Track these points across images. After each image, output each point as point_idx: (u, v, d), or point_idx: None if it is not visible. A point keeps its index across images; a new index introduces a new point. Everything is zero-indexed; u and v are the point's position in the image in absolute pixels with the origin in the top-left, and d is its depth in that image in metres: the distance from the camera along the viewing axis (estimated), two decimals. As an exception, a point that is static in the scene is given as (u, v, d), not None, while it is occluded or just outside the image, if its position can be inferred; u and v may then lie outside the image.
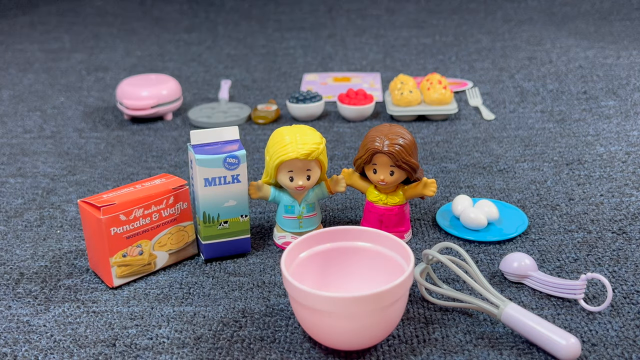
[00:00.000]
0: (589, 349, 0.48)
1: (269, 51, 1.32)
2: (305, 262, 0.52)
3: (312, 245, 0.53)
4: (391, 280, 0.46)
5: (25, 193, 0.76)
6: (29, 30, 1.51)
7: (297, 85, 1.11)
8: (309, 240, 0.53)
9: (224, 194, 0.60)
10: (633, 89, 1.03)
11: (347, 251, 0.54)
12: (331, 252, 0.54)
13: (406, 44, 1.34)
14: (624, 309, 0.53)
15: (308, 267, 0.52)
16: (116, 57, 1.30)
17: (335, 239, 0.54)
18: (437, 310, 0.54)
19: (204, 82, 1.14)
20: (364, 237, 0.54)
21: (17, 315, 0.54)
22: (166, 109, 0.95)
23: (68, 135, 0.92)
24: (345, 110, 0.94)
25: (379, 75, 1.14)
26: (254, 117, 0.95)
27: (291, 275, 0.48)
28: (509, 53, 1.24)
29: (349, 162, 0.82)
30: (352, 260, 0.54)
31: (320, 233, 0.53)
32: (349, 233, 0.54)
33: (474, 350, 0.49)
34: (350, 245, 0.54)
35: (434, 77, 0.95)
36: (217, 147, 0.60)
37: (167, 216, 0.59)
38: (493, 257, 0.60)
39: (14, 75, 1.20)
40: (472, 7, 1.61)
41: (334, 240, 0.54)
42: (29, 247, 0.64)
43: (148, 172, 0.80)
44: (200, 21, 1.56)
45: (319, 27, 1.49)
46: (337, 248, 0.54)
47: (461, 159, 0.81)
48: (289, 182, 0.60)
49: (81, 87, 1.12)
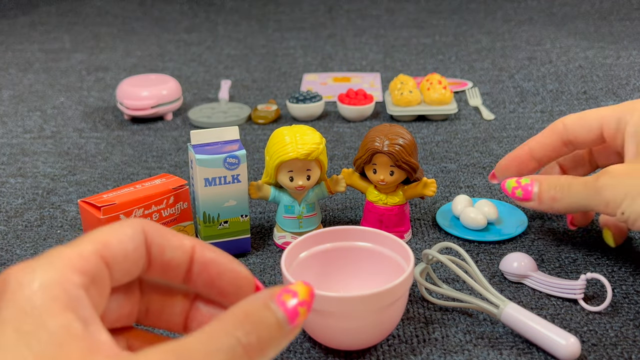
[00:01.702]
0: (589, 348, 0.49)
1: (269, 51, 1.32)
2: (305, 262, 0.52)
3: (312, 246, 0.53)
4: (391, 280, 0.46)
5: (25, 193, 0.76)
6: (29, 30, 1.52)
7: (297, 85, 1.11)
8: (309, 240, 0.53)
9: (224, 194, 0.60)
10: (633, 89, 1.03)
11: (347, 251, 0.54)
12: (331, 252, 0.54)
13: (406, 44, 1.34)
14: (623, 309, 0.53)
15: (308, 267, 0.52)
16: (116, 57, 1.30)
17: (336, 239, 0.54)
18: (437, 310, 0.54)
19: (204, 82, 1.14)
20: (364, 237, 0.54)
21: (18, 315, 0.54)
22: (166, 109, 0.95)
23: (68, 135, 0.92)
24: (345, 110, 0.94)
25: (379, 75, 1.14)
26: (254, 117, 0.95)
27: (291, 276, 0.48)
28: (509, 53, 1.24)
29: (349, 162, 0.82)
30: (352, 260, 0.54)
31: (320, 233, 0.53)
32: (349, 233, 0.54)
33: (473, 350, 0.49)
34: (351, 245, 0.54)
35: (433, 77, 0.95)
36: (217, 147, 0.60)
37: (167, 216, 0.59)
38: (493, 257, 0.60)
39: (14, 75, 1.20)
40: (472, 7, 1.61)
41: (334, 240, 0.54)
42: (29, 247, 0.64)
43: (148, 172, 0.80)
44: (200, 21, 1.56)
45: (319, 27, 1.49)
46: (337, 248, 0.54)
47: (461, 159, 0.81)
48: (288, 182, 0.60)
49: (81, 87, 1.13)
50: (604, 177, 0.49)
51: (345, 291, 0.53)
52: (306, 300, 0.33)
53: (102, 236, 0.31)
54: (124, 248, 0.32)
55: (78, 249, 0.30)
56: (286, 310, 0.32)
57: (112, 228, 0.32)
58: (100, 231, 0.32)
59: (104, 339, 0.28)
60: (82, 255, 0.30)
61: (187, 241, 0.34)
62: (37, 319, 0.28)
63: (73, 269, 0.30)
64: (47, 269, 0.29)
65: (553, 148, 0.57)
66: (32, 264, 0.29)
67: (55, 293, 0.28)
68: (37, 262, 0.30)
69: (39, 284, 0.28)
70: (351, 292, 0.51)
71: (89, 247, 0.31)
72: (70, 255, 0.30)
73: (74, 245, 0.31)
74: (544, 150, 0.57)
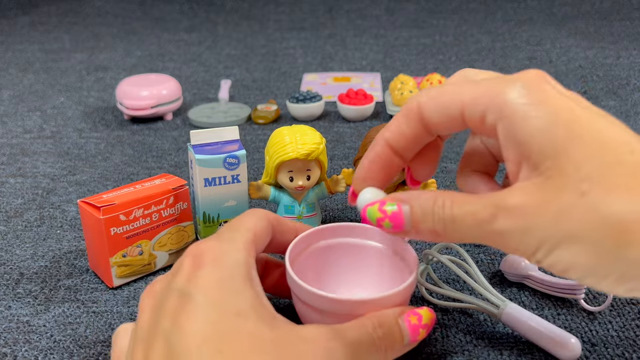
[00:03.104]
0: (589, 349, 0.48)
1: (269, 51, 1.32)
2: (308, 258, 0.51)
3: (316, 241, 0.51)
4: (396, 278, 0.45)
5: (25, 193, 0.76)
6: (29, 30, 1.51)
7: (297, 85, 1.11)
8: (312, 236, 0.51)
9: (224, 194, 0.60)
10: (633, 89, 1.03)
11: (351, 248, 0.52)
12: (334, 248, 0.52)
13: (406, 44, 1.33)
14: (624, 309, 0.53)
15: (310, 262, 0.51)
16: (116, 57, 1.30)
17: (340, 234, 0.52)
18: (437, 310, 0.54)
19: (204, 82, 1.14)
20: (368, 234, 0.52)
21: (17, 316, 0.54)
22: (166, 109, 0.95)
23: (68, 135, 0.92)
24: (345, 110, 0.94)
25: (379, 75, 1.14)
26: (254, 117, 0.95)
27: (294, 271, 0.47)
28: (509, 53, 1.24)
29: (349, 162, 0.82)
30: (357, 258, 0.52)
31: (324, 229, 0.51)
32: (355, 230, 0.52)
33: (474, 350, 0.49)
34: (358, 243, 0.52)
35: (434, 77, 0.95)
36: (217, 147, 0.60)
37: (167, 216, 0.59)
38: (493, 257, 0.60)
39: (14, 75, 1.20)
40: (472, 7, 1.61)
41: (338, 236, 0.52)
42: (29, 247, 0.64)
43: (148, 172, 0.80)
44: (200, 21, 1.56)
45: (319, 27, 1.49)
46: (341, 244, 0.52)
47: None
48: (288, 182, 0.60)
49: (81, 87, 1.12)
50: (502, 219, 0.34)
51: (346, 289, 0.53)
52: (427, 324, 0.41)
53: (252, 226, 0.42)
54: (264, 237, 0.43)
55: (245, 237, 0.41)
56: (410, 328, 0.41)
57: (254, 218, 0.43)
58: (249, 221, 0.43)
59: (272, 309, 0.38)
60: (249, 242, 0.40)
61: (291, 224, 0.48)
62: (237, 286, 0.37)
63: (249, 254, 0.40)
64: (233, 252, 0.39)
65: (415, 137, 0.40)
66: (220, 244, 0.39)
67: (244, 271, 0.38)
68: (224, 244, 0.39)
69: (233, 262, 0.38)
70: (357, 293, 0.50)
71: (250, 236, 0.41)
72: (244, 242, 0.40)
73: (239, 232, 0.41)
74: (406, 142, 0.40)
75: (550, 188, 0.33)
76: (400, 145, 0.41)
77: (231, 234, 0.41)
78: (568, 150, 0.32)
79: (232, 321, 0.35)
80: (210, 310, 0.35)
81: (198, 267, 0.37)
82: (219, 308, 0.35)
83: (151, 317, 0.37)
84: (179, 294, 0.36)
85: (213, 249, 0.38)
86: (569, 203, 0.32)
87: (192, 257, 0.38)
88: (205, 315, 0.35)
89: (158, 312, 0.37)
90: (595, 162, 0.32)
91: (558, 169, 0.33)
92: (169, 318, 0.36)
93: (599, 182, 0.31)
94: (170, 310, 0.36)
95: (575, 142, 0.32)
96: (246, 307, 0.36)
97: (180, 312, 0.35)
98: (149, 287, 0.40)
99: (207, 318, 0.35)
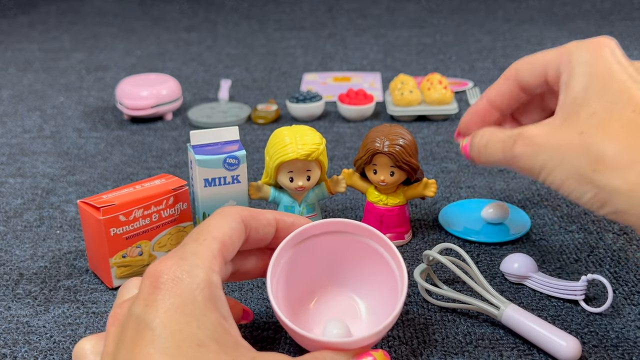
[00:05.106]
0: (590, 350, 0.48)
1: (269, 51, 1.32)
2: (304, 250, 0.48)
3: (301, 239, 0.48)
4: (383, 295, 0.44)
5: (24, 193, 0.75)
6: (29, 30, 1.51)
7: (297, 85, 1.11)
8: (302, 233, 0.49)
9: (224, 194, 0.60)
10: (634, 89, 1.03)
11: (348, 242, 0.49)
12: (324, 242, 0.49)
13: (406, 44, 1.33)
14: (624, 310, 0.53)
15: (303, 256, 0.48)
16: (116, 56, 1.30)
17: (334, 229, 0.49)
18: (437, 311, 0.53)
19: (204, 82, 1.14)
20: (360, 231, 0.49)
21: (17, 316, 0.54)
22: (166, 109, 0.95)
23: (68, 135, 0.92)
24: (345, 110, 0.93)
25: (379, 75, 1.14)
26: (254, 117, 0.95)
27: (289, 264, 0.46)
28: (510, 53, 1.24)
29: (349, 162, 0.82)
30: (348, 252, 0.50)
31: (319, 224, 0.49)
32: (355, 227, 0.49)
33: (474, 351, 0.49)
34: (358, 240, 0.49)
35: (434, 77, 0.95)
36: (217, 147, 0.60)
37: (167, 217, 0.58)
38: (493, 258, 0.60)
39: (13, 75, 1.20)
40: (472, 6, 1.61)
41: (333, 230, 0.49)
42: (29, 247, 0.64)
43: (148, 172, 0.80)
44: (200, 21, 1.56)
45: (319, 27, 1.49)
46: (341, 239, 0.49)
47: (461, 159, 0.81)
48: (288, 182, 0.60)
49: (81, 87, 1.12)
50: (519, 145, 0.45)
51: (335, 287, 0.50)
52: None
53: (220, 234, 0.39)
54: (234, 242, 0.40)
55: (210, 250, 0.38)
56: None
57: (223, 221, 0.40)
58: (216, 227, 0.40)
59: (236, 333, 0.37)
60: (215, 256, 0.38)
61: (270, 215, 0.44)
62: (198, 311, 0.35)
63: (213, 271, 0.37)
64: (196, 270, 0.36)
65: (511, 95, 0.51)
66: (179, 262, 0.36)
67: (206, 292, 0.36)
68: (184, 262, 0.37)
69: (194, 283, 0.36)
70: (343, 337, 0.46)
71: (215, 246, 0.38)
72: (207, 257, 0.37)
73: (203, 245, 0.38)
74: (502, 99, 0.52)
75: (563, 126, 0.43)
76: (498, 101, 0.52)
77: (195, 247, 0.38)
78: (590, 104, 0.42)
79: (192, 354, 0.33)
80: (168, 342, 0.33)
81: (156, 291, 0.35)
82: (178, 338, 0.33)
83: (114, 346, 0.36)
84: (137, 321, 0.35)
85: (172, 269, 0.36)
86: (568, 138, 0.42)
87: (151, 278, 0.36)
88: (163, 348, 0.33)
89: (118, 341, 0.35)
90: (605, 114, 0.41)
91: (576, 115, 0.42)
92: (127, 349, 0.34)
93: (599, 128, 0.41)
94: (129, 341, 0.34)
95: (600, 99, 0.42)
96: (207, 336, 0.34)
97: (138, 342, 0.34)
98: (113, 311, 0.38)
99: (164, 351, 0.33)
